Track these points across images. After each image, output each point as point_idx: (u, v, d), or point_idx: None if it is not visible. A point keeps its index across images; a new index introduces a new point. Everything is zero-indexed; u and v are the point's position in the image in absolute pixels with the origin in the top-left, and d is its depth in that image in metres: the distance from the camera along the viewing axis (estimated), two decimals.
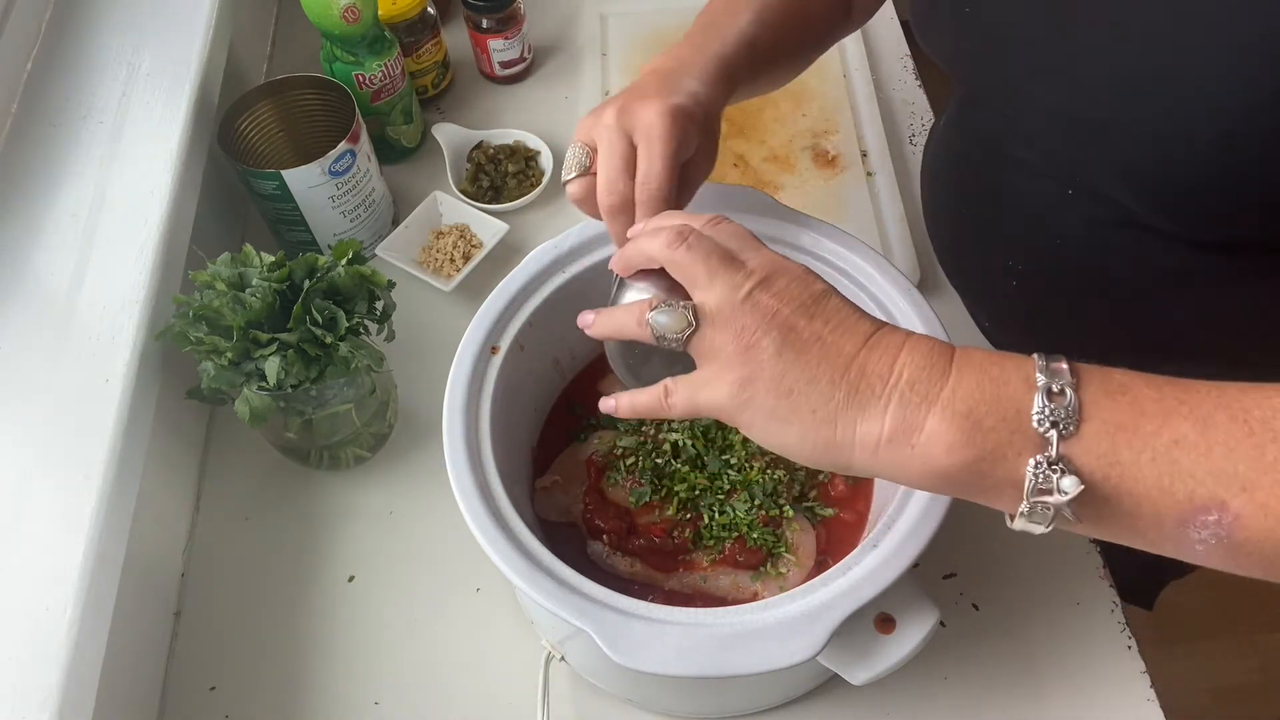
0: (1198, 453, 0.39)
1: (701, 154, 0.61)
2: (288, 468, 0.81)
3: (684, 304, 0.46)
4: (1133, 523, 0.41)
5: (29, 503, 0.60)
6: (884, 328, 0.45)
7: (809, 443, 0.44)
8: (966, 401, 0.41)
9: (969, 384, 0.42)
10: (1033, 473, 0.40)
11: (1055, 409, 0.40)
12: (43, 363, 0.66)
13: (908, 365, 0.43)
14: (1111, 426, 0.40)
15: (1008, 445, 0.41)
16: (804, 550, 0.65)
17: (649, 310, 0.47)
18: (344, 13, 0.86)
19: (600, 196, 0.58)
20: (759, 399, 0.44)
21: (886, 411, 0.42)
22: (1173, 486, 0.39)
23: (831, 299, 0.46)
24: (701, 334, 0.46)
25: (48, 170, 0.76)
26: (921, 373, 0.43)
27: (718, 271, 0.46)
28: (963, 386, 0.42)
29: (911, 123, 1.03)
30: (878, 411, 0.42)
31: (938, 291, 0.87)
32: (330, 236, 0.89)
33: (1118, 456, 0.40)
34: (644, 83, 0.61)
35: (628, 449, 0.69)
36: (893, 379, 0.43)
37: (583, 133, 0.60)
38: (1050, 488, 0.40)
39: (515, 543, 0.55)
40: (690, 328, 0.46)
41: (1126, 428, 0.40)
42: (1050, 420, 0.40)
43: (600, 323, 0.52)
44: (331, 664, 0.72)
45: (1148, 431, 0.40)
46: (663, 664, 0.51)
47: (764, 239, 0.66)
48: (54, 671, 0.54)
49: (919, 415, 0.42)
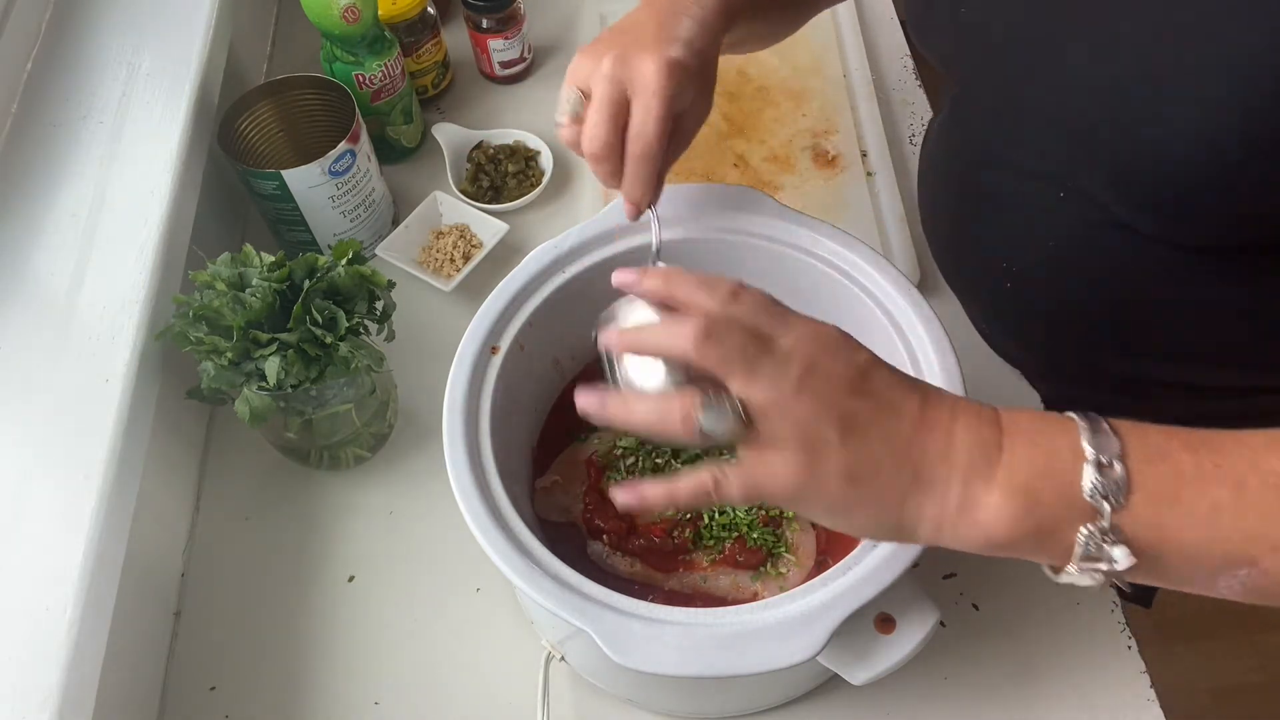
0: (1233, 517, 0.42)
1: (697, 103, 0.61)
2: (288, 468, 0.81)
3: (727, 401, 0.44)
4: (1169, 575, 0.44)
5: (29, 503, 0.60)
6: (930, 396, 0.46)
7: (875, 526, 0.45)
8: (1022, 475, 0.43)
9: (1022, 456, 0.44)
10: (1084, 541, 0.42)
11: (1106, 483, 0.42)
12: (43, 363, 0.66)
13: (963, 442, 0.44)
14: (1156, 497, 0.42)
15: (1063, 517, 0.43)
16: (804, 550, 0.65)
17: (693, 411, 0.43)
18: (344, 13, 0.86)
19: (585, 143, 0.58)
20: (825, 489, 0.44)
21: (949, 492, 0.44)
22: (1210, 548, 0.42)
23: (876, 371, 0.45)
24: (756, 431, 0.44)
25: (48, 170, 0.76)
26: (977, 449, 0.44)
27: (756, 363, 0.43)
28: (1016, 459, 0.44)
29: (911, 123, 1.03)
30: (940, 493, 0.44)
31: (937, 291, 0.87)
32: (330, 236, 0.89)
33: (1162, 524, 0.42)
34: (641, 24, 0.60)
35: (628, 449, 0.69)
36: (952, 458, 0.44)
37: (578, 77, 0.60)
38: (1101, 556, 0.42)
39: (515, 543, 0.55)
40: (743, 427, 0.44)
41: (1169, 497, 0.42)
42: (1101, 494, 0.42)
43: (619, 412, 0.46)
44: (331, 664, 0.72)
45: (1189, 499, 0.42)
46: (663, 664, 0.51)
47: (764, 239, 0.67)
48: (54, 671, 0.54)
49: (980, 493, 0.43)
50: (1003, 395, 0.82)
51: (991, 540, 0.44)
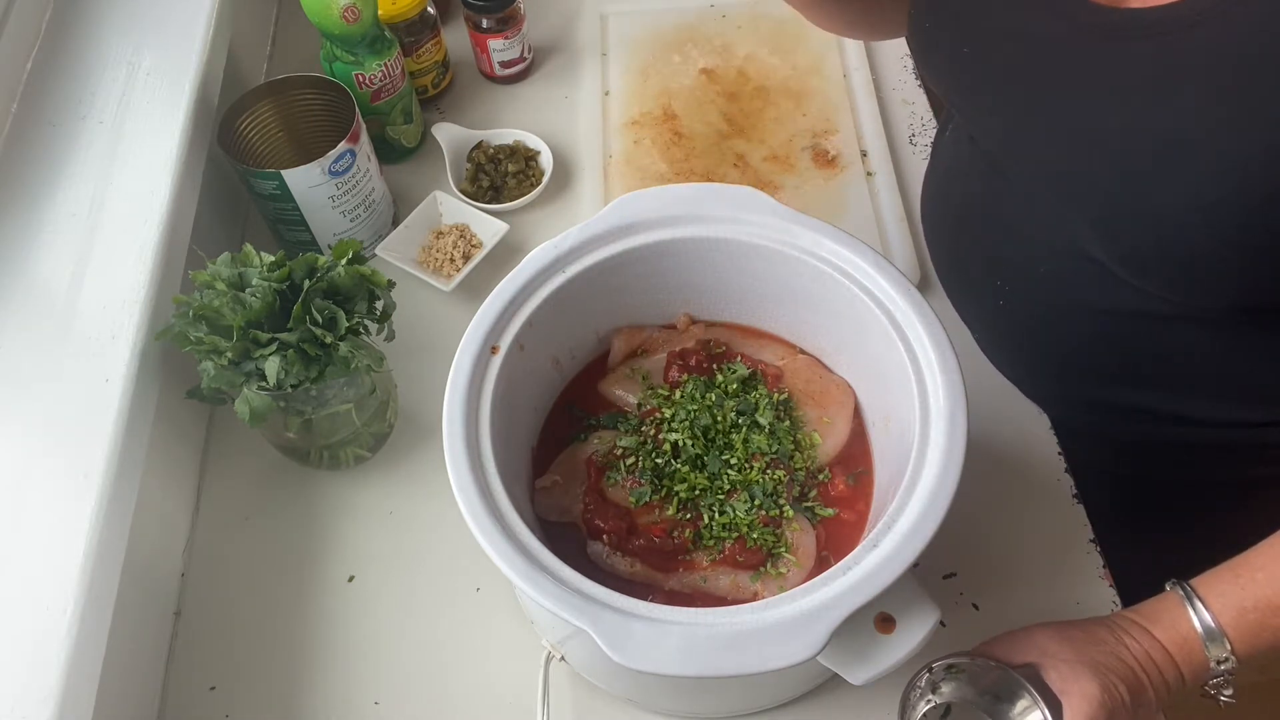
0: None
1: None
2: (288, 468, 0.81)
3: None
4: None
5: (29, 503, 0.60)
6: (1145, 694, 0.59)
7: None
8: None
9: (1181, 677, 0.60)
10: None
11: (1225, 680, 0.61)
12: (43, 363, 0.66)
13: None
14: (1251, 640, 0.59)
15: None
16: (804, 550, 0.65)
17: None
18: (344, 13, 0.86)
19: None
20: None
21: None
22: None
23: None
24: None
25: (48, 170, 0.76)
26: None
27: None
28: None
29: (911, 123, 1.03)
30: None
31: (937, 291, 0.87)
32: (330, 236, 0.89)
33: (1257, 649, 0.59)
34: None
35: (628, 449, 0.69)
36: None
37: None
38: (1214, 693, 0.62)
39: (515, 543, 0.55)
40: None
41: (1265, 634, 0.58)
42: (1222, 676, 0.61)
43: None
44: (331, 664, 0.72)
45: (1274, 626, 0.58)
46: (663, 664, 0.51)
47: (764, 239, 0.67)
48: (54, 671, 0.54)
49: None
50: (1002, 395, 0.82)
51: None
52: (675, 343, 0.74)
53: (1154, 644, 0.60)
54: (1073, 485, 0.78)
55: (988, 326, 0.82)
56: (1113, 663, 0.58)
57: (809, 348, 0.74)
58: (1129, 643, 0.60)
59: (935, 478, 0.55)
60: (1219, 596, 0.59)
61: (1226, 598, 0.59)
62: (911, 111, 1.04)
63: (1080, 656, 0.58)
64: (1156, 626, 0.60)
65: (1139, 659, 0.59)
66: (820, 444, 0.69)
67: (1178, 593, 0.61)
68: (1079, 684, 0.57)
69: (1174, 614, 0.60)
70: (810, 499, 0.68)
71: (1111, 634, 0.60)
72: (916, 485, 0.55)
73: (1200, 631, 0.59)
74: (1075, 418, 0.80)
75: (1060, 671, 0.58)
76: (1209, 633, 0.59)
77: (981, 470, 0.64)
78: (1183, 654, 0.59)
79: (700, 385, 0.71)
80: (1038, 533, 0.76)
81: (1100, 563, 0.74)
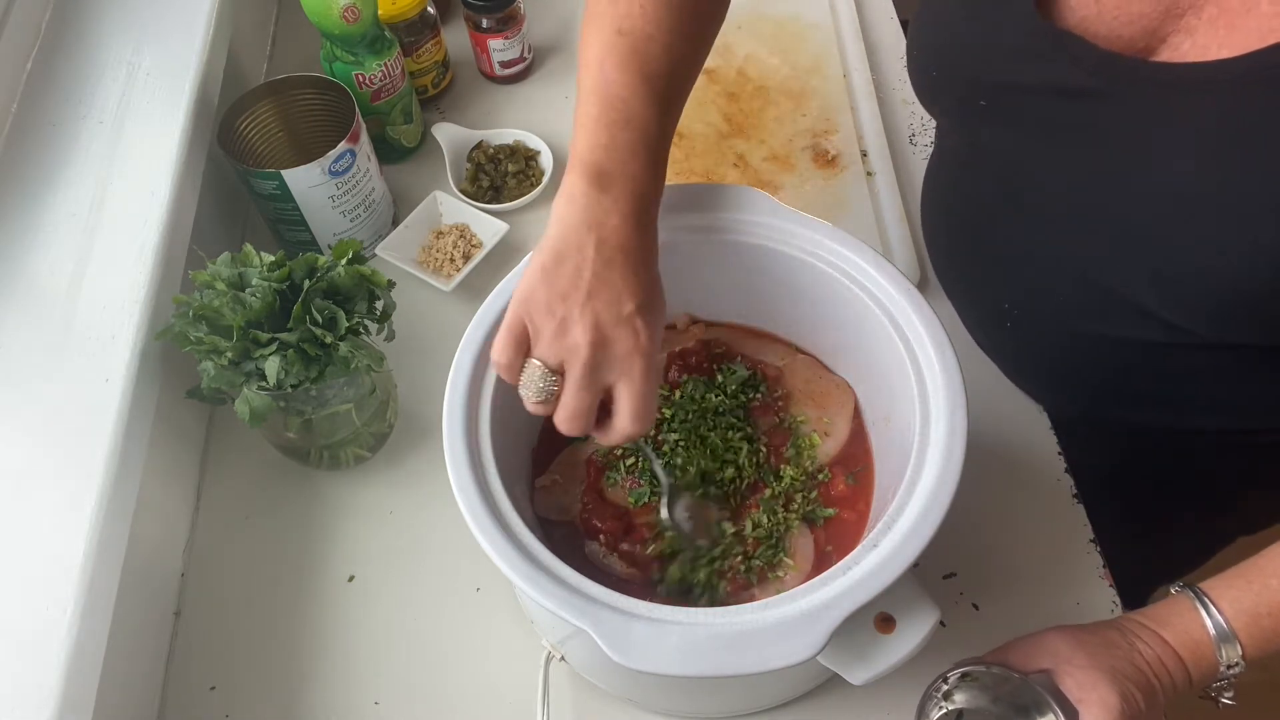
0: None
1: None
2: (288, 468, 0.81)
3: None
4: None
5: (29, 503, 0.60)
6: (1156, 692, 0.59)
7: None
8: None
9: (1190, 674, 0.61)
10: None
11: (1228, 683, 0.62)
12: (43, 363, 0.66)
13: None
14: (1263, 645, 0.59)
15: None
16: (802, 555, 0.65)
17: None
18: (344, 13, 0.85)
19: (563, 426, 0.57)
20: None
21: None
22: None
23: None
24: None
25: (48, 170, 0.76)
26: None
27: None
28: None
29: (911, 123, 1.03)
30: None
31: (937, 291, 0.87)
32: (330, 236, 0.89)
33: (1266, 653, 0.60)
34: (601, 275, 0.56)
35: (627, 449, 0.69)
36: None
37: (549, 351, 0.55)
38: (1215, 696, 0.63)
39: (515, 542, 0.55)
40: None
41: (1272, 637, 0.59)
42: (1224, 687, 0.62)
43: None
44: (331, 664, 0.72)
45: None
46: (663, 664, 0.51)
47: (764, 238, 0.67)
48: (54, 671, 0.54)
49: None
50: (1002, 395, 0.82)
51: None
52: (675, 343, 0.74)
53: (1165, 647, 0.60)
54: (1073, 485, 0.78)
55: (995, 343, 0.82)
56: (1128, 669, 0.58)
57: (809, 348, 0.74)
58: (1141, 647, 0.60)
59: (935, 477, 0.55)
60: (1232, 601, 0.59)
61: (1240, 602, 0.59)
62: (911, 111, 1.04)
63: (1096, 663, 0.58)
64: (1167, 629, 0.60)
65: (1150, 663, 0.59)
66: (820, 444, 0.69)
67: (1188, 596, 0.60)
68: (1096, 692, 0.57)
69: (1185, 618, 0.60)
70: (810, 499, 0.68)
71: (1124, 638, 0.60)
72: (916, 485, 0.55)
73: (1213, 634, 0.59)
74: (1075, 419, 0.80)
75: (1076, 679, 0.58)
76: (1222, 635, 0.59)
77: (981, 470, 0.64)
78: (1193, 657, 0.60)
79: (700, 385, 0.71)
80: (1038, 533, 0.76)
81: (1100, 563, 0.74)
